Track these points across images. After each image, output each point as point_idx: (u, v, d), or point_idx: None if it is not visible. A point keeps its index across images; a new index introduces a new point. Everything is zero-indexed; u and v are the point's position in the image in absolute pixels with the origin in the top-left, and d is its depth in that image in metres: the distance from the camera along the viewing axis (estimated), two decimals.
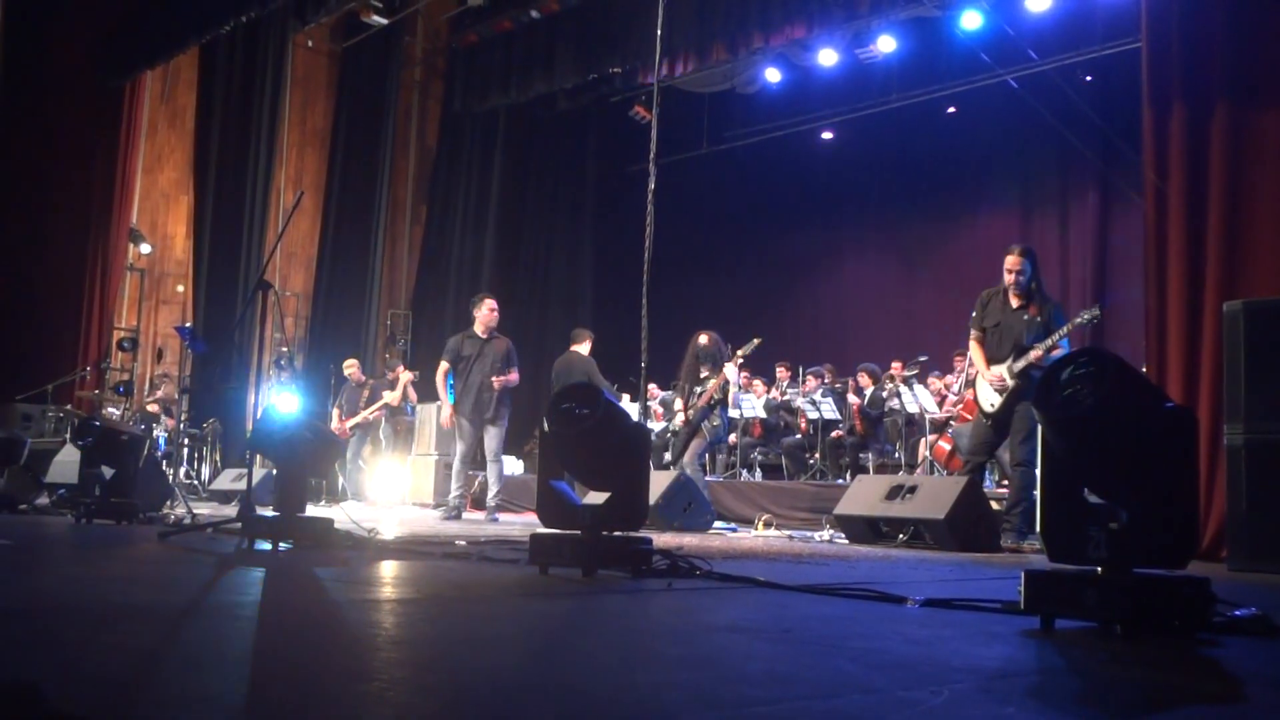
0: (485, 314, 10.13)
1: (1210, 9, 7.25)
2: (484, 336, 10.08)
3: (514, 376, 10.00)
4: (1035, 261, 7.59)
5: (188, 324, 13.57)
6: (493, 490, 10.02)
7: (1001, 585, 4.30)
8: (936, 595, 3.67)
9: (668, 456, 10.06)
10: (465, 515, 10.43)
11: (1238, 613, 3.16)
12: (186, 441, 13.18)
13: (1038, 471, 7.47)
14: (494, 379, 9.87)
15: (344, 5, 13.93)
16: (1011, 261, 7.51)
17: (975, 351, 7.78)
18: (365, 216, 16.05)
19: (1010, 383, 7.39)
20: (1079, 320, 7.46)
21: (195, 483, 13.10)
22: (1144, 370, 7.17)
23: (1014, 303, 7.53)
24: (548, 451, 4.67)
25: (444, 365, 10.15)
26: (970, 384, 9.24)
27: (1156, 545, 3.04)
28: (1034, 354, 7.29)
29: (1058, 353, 7.18)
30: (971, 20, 12.49)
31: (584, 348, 11.20)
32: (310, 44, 16.47)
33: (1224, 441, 6.16)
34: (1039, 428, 3.27)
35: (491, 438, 9.96)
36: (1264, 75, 7.02)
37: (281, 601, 3.57)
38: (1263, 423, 5.93)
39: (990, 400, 7.54)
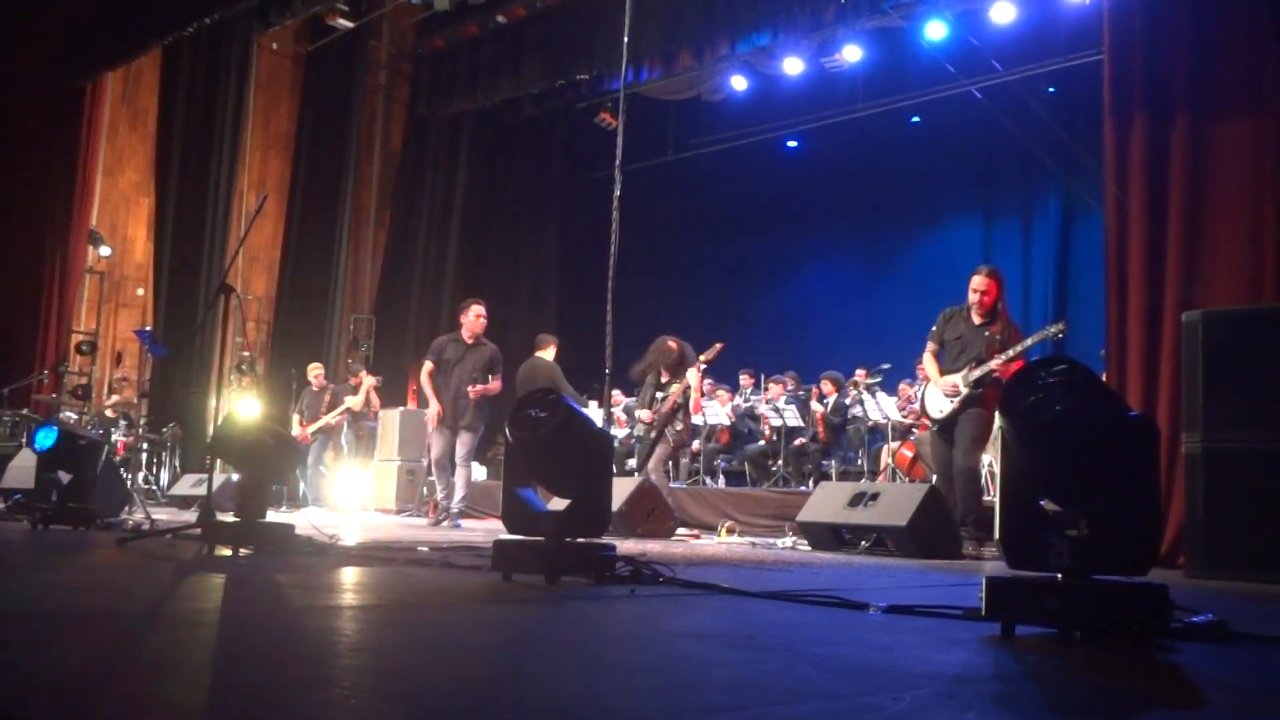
0: (470, 320, 10.00)
1: (1172, 22, 7.34)
2: (469, 342, 9.97)
3: (494, 385, 9.89)
4: (1002, 283, 7.67)
5: (148, 328, 13.44)
6: (458, 495, 9.98)
7: (963, 592, 4.33)
8: (898, 602, 3.68)
9: (631, 463, 10.05)
10: (426, 520, 10.42)
11: (1195, 619, 3.19)
12: (146, 446, 13.05)
13: (984, 479, 7.54)
14: (469, 387, 9.79)
15: (309, 8, 13.85)
16: (978, 281, 7.58)
17: (929, 363, 7.86)
18: (329, 220, 15.94)
19: (964, 390, 7.47)
20: (1044, 334, 7.55)
21: (154, 488, 12.96)
22: (1104, 378, 7.23)
23: (976, 320, 7.61)
24: (513, 458, 4.66)
25: (428, 365, 10.04)
26: None
27: (1118, 552, 3.07)
28: (994, 363, 7.37)
29: (1018, 365, 7.28)
30: (936, 31, 12.57)
31: (548, 353, 11.18)
32: (275, 47, 16.36)
33: (1182, 449, 6.23)
34: (986, 438, 3.30)
35: (462, 443, 9.88)
36: (1225, 87, 7.11)
37: (242, 608, 3.54)
38: (1220, 431, 6.00)
39: (940, 407, 7.63)
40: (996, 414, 4.55)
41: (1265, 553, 5.73)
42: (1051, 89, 13.15)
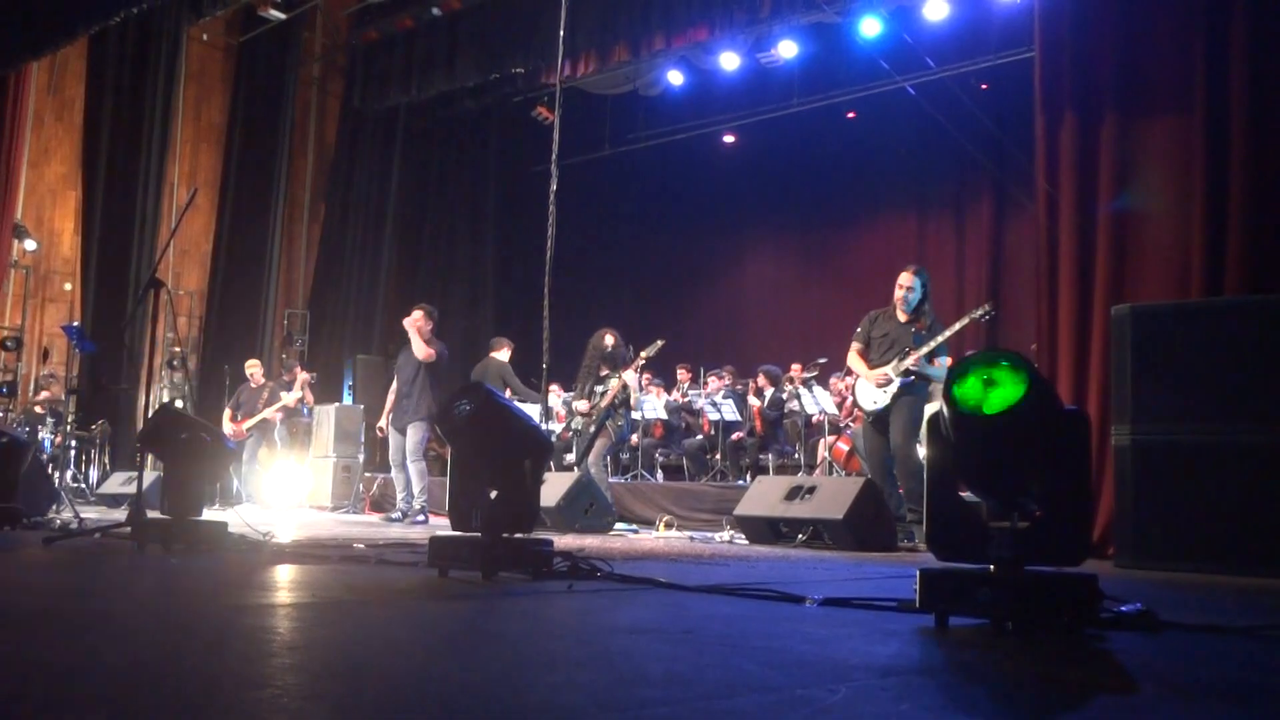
0: (409, 327, 10.21)
1: (1100, 20, 7.45)
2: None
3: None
4: (927, 283, 7.82)
5: (75, 323, 13.18)
6: (415, 490, 9.97)
7: (898, 584, 4.36)
8: (834, 594, 3.70)
9: (569, 458, 10.05)
10: (362, 517, 10.37)
11: (1124, 608, 3.24)
12: (74, 444, 12.81)
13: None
14: (408, 384, 10.05)
15: None
16: (906, 279, 7.73)
17: (856, 360, 7.98)
18: (262, 214, 15.74)
19: (895, 379, 7.59)
20: (974, 315, 7.69)
21: (83, 486, 12.73)
22: None
23: (902, 318, 7.77)
24: (456, 454, 4.65)
25: (395, 380, 10.39)
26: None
27: (1054, 544, 3.10)
28: (924, 350, 7.53)
29: (941, 358, 7.46)
30: (871, 27, 12.67)
31: (503, 354, 11.30)
32: (205, 37, 16.12)
33: (1111, 441, 6.33)
34: (920, 422, 3.31)
35: (406, 440, 10.04)
36: (1153, 86, 7.23)
37: (172, 607, 3.48)
38: (1148, 424, 6.10)
39: (874, 398, 7.75)
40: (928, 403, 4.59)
41: (1192, 543, 5.84)
42: (984, 86, 13.30)
